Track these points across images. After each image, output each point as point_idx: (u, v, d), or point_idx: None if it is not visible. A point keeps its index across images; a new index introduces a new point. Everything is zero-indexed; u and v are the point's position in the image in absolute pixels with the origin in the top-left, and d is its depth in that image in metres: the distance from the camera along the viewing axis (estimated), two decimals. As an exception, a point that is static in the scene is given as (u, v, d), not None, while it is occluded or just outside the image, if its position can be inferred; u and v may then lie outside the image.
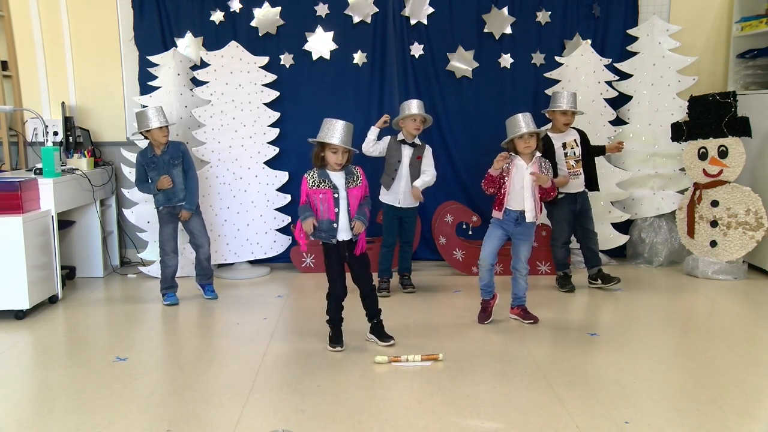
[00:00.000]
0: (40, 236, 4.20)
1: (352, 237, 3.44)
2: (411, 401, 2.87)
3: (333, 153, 3.36)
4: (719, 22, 5.55)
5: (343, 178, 3.41)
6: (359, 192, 3.44)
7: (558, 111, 4.47)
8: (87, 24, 5.40)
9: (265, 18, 5.21)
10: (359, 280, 3.52)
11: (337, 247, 3.44)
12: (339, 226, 3.39)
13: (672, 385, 3.03)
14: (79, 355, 3.50)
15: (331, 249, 3.46)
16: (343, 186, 3.40)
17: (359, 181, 3.45)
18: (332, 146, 3.33)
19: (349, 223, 3.40)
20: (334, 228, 3.39)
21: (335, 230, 3.40)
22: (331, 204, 3.37)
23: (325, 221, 3.38)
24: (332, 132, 3.33)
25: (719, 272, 4.86)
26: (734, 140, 4.80)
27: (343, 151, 3.36)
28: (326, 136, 3.34)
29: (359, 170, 3.49)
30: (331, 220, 3.38)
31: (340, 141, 3.32)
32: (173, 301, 4.38)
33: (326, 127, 3.37)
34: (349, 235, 3.43)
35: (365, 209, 3.46)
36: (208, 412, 2.78)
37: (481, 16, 5.28)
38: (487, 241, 3.87)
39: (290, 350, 3.52)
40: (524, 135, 3.69)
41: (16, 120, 5.39)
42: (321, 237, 3.43)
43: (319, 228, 3.40)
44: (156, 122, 4.26)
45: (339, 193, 3.39)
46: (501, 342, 3.62)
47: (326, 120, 3.41)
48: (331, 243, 3.43)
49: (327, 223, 3.38)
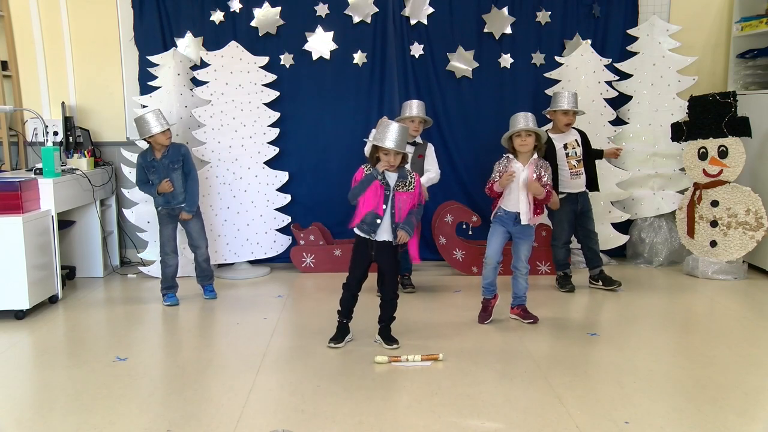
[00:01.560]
0: (40, 236, 4.20)
1: (393, 242, 3.42)
2: (411, 401, 2.87)
3: (385, 155, 3.34)
4: (719, 22, 5.55)
5: (394, 180, 3.40)
6: (409, 198, 3.41)
7: (559, 111, 4.46)
8: (87, 24, 5.40)
9: (265, 18, 5.21)
10: (384, 285, 3.54)
11: (367, 244, 3.44)
12: (381, 224, 3.39)
13: (672, 385, 3.03)
14: (79, 355, 3.50)
15: (360, 243, 3.47)
16: (392, 187, 3.39)
17: (411, 187, 3.42)
18: (384, 148, 3.32)
19: (391, 225, 3.39)
20: (376, 224, 3.38)
21: (377, 226, 3.39)
22: (381, 199, 3.37)
23: (371, 214, 3.37)
24: (386, 134, 3.30)
25: (719, 272, 4.86)
26: (734, 140, 4.80)
27: (395, 154, 3.33)
28: (380, 138, 3.32)
29: (415, 176, 3.47)
30: (377, 215, 3.37)
31: (393, 144, 3.30)
32: (173, 301, 4.38)
33: (381, 129, 3.35)
34: (387, 237, 3.41)
35: (413, 219, 3.44)
36: (208, 412, 2.78)
37: (481, 16, 5.28)
38: (492, 239, 3.87)
39: (290, 350, 3.52)
40: (521, 133, 3.69)
41: (16, 120, 5.39)
42: (363, 230, 3.42)
43: (364, 220, 3.39)
44: (158, 127, 4.24)
45: (389, 192, 3.38)
46: (501, 342, 3.62)
47: (381, 121, 3.41)
48: (369, 239, 3.41)
49: (372, 216, 3.37)
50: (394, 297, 3.55)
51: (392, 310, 3.56)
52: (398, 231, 3.39)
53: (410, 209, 3.43)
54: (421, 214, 3.54)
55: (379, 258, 3.48)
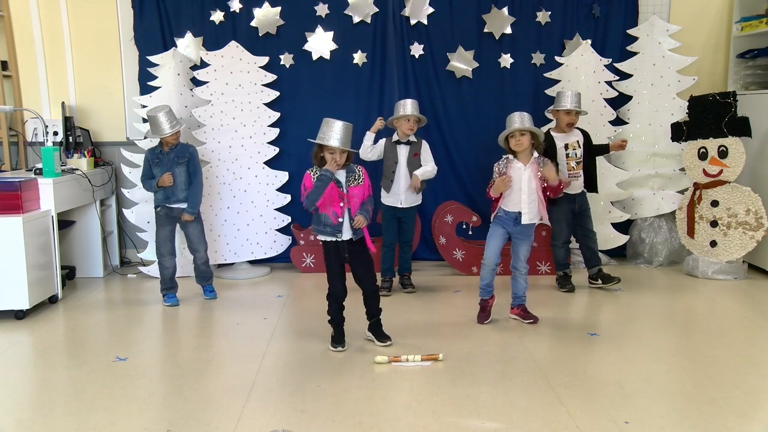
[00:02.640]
0: (40, 236, 4.20)
1: (353, 235, 3.42)
2: (411, 401, 2.87)
3: (330, 153, 3.35)
4: (719, 22, 5.55)
5: (343, 177, 3.41)
6: (360, 191, 3.43)
7: (562, 110, 4.46)
8: (87, 24, 5.40)
9: (265, 18, 5.21)
10: (362, 280, 3.51)
11: (336, 247, 3.44)
12: (344, 222, 3.38)
13: (672, 385, 3.04)
14: (79, 355, 3.50)
15: (330, 249, 3.46)
16: (343, 184, 3.40)
17: (361, 180, 3.44)
18: (330, 147, 3.33)
19: (350, 222, 3.39)
20: (339, 222, 3.38)
21: (341, 225, 3.39)
22: (335, 198, 3.37)
23: (331, 215, 3.38)
24: (330, 133, 3.32)
25: (719, 272, 4.86)
26: (734, 140, 4.80)
27: (341, 152, 3.34)
28: (324, 137, 3.33)
29: (361, 169, 3.48)
30: (337, 214, 3.37)
31: (338, 143, 3.31)
32: (173, 302, 4.38)
33: (325, 128, 3.36)
34: (350, 235, 3.41)
35: (368, 206, 3.45)
36: (208, 412, 2.78)
37: (481, 16, 5.28)
38: (491, 241, 3.86)
39: (290, 350, 3.52)
40: (515, 133, 3.69)
41: (16, 120, 5.39)
42: (326, 232, 3.42)
43: (323, 223, 3.40)
44: (168, 129, 4.25)
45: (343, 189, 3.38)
46: (501, 342, 3.62)
47: (325, 120, 3.40)
48: (333, 241, 3.42)
49: (333, 216, 3.38)
50: (376, 288, 3.54)
51: (377, 301, 3.54)
52: (356, 216, 3.36)
53: (363, 200, 3.44)
54: (373, 203, 3.53)
55: (351, 257, 3.46)
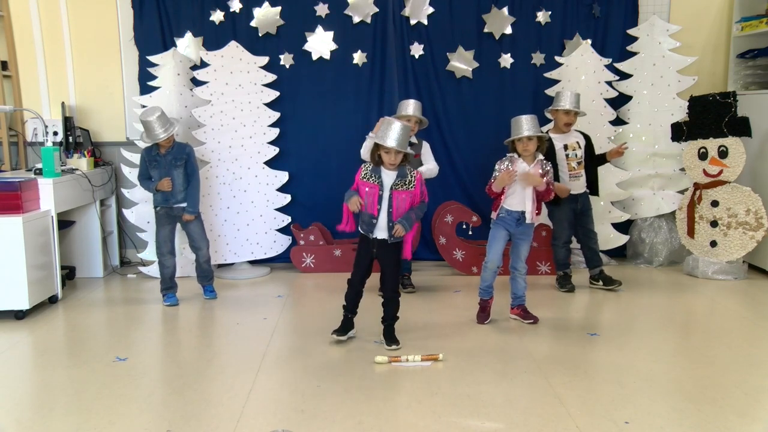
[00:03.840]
0: (40, 236, 4.20)
1: (389, 239, 3.45)
2: (411, 401, 2.87)
3: (386, 153, 3.37)
4: (719, 22, 5.55)
5: (392, 179, 3.42)
6: (408, 196, 3.44)
7: (561, 110, 4.46)
8: (87, 24, 5.40)
9: (265, 18, 5.21)
10: (384, 283, 3.56)
11: (369, 241, 3.49)
12: (378, 223, 3.44)
13: (672, 385, 3.04)
14: (79, 355, 3.50)
15: (363, 241, 3.54)
16: (389, 186, 3.41)
17: (411, 186, 3.45)
18: (386, 147, 3.35)
19: (388, 223, 3.42)
20: (372, 223, 3.44)
21: (373, 226, 3.45)
22: (375, 199, 3.41)
23: (367, 215, 3.44)
24: (388, 133, 3.34)
25: (719, 272, 4.86)
26: (734, 140, 4.80)
27: (396, 153, 3.36)
28: (382, 137, 3.35)
29: (416, 174, 3.49)
30: (372, 215, 3.43)
31: (395, 143, 3.33)
32: (173, 302, 4.38)
33: (384, 127, 3.38)
34: (386, 235, 3.45)
35: (412, 215, 3.47)
36: (208, 412, 2.78)
37: (481, 16, 5.28)
38: (493, 244, 3.86)
39: (290, 350, 3.52)
40: (523, 138, 3.69)
41: (16, 120, 5.39)
42: (362, 229, 3.49)
43: (361, 219, 3.47)
44: (162, 134, 4.23)
45: (384, 192, 3.41)
46: (501, 342, 3.62)
47: (384, 119, 3.45)
48: (368, 237, 3.48)
49: (368, 216, 3.44)
50: (395, 295, 3.56)
51: (395, 308, 3.57)
52: (396, 224, 3.41)
53: (410, 206, 3.46)
54: (423, 211, 3.57)
55: (380, 255, 3.51)
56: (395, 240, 3.46)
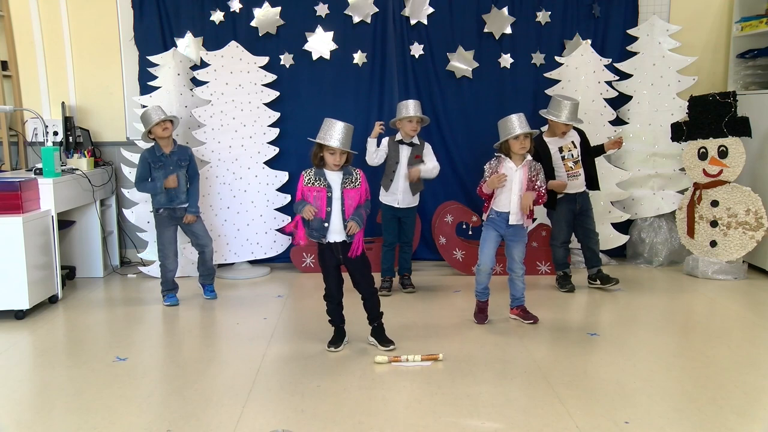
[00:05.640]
0: (40, 236, 4.20)
1: (346, 238, 3.40)
2: (411, 401, 2.87)
3: (331, 154, 3.34)
4: (719, 22, 5.55)
5: (339, 178, 3.39)
6: (356, 194, 3.40)
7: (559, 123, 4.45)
8: (87, 24, 5.40)
9: (265, 18, 5.21)
10: (359, 284, 3.50)
11: (330, 248, 3.42)
12: (330, 226, 3.37)
13: (672, 385, 3.03)
14: (79, 355, 3.50)
15: (324, 250, 3.45)
16: (338, 186, 3.38)
17: (357, 183, 3.41)
18: (330, 147, 3.32)
19: (342, 224, 3.37)
20: (324, 228, 3.37)
21: (326, 230, 3.37)
22: (323, 203, 3.35)
23: (317, 220, 3.36)
24: (331, 133, 3.31)
25: (719, 272, 4.86)
26: (734, 140, 4.80)
27: (341, 153, 3.33)
28: (325, 137, 3.32)
29: (359, 172, 3.45)
30: (322, 220, 3.36)
31: (339, 143, 3.30)
32: (173, 302, 4.37)
33: (325, 128, 3.35)
34: (342, 237, 3.39)
35: (362, 211, 3.42)
36: (208, 412, 2.78)
37: (481, 16, 5.27)
38: (484, 245, 3.84)
39: (290, 350, 3.52)
40: (519, 136, 3.69)
41: (16, 120, 5.39)
42: (313, 236, 3.41)
43: (311, 227, 3.39)
44: (155, 117, 4.24)
45: (333, 193, 3.36)
46: (501, 342, 3.62)
47: (326, 120, 3.39)
48: (323, 243, 3.41)
49: (318, 222, 3.36)
50: (374, 292, 3.52)
51: (377, 306, 3.53)
52: (348, 222, 3.35)
53: (358, 203, 3.41)
54: (369, 208, 3.50)
55: (346, 260, 3.44)
56: (350, 239, 3.39)
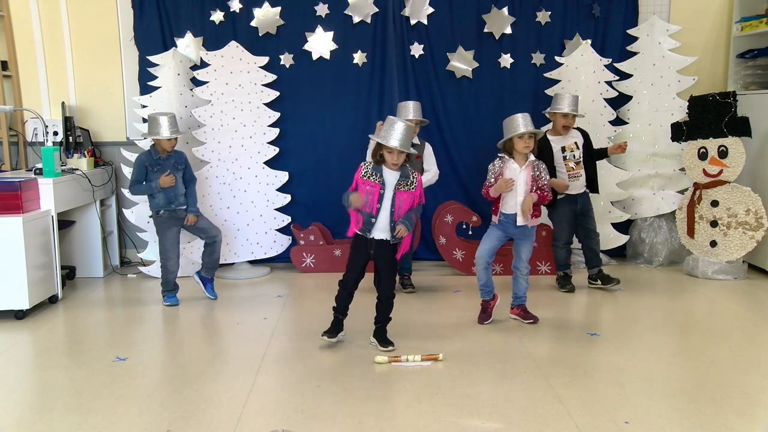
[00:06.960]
0: (40, 236, 4.20)
1: (390, 239, 3.41)
2: (411, 401, 2.87)
3: (389, 153, 3.34)
4: (719, 22, 5.55)
5: (395, 178, 3.39)
6: (409, 197, 3.40)
7: (559, 113, 4.46)
8: (87, 24, 5.40)
9: (265, 18, 5.21)
10: (380, 283, 3.52)
11: (365, 242, 3.44)
12: (377, 222, 3.39)
13: (672, 385, 3.03)
14: (79, 355, 3.50)
15: (359, 241, 3.47)
16: (392, 186, 3.38)
17: (413, 187, 3.41)
18: (388, 147, 3.32)
19: (389, 224, 3.38)
20: (371, 222, 3.39)
21: (372, 225, 3.39)
22: (375, 198, 3.36)
23: (366, 214, 3.39)
24: (391, 133, 3.30)
25: (719, 272, 4.86)
26: (734, 140, 4.80)
27: (399, 153, 3.33)
28: (385, 137, 3.32)
29: (417, 176, 3.46)
30: (371, 215, 3.38)
31: (398, 143, 3.29)
32: (173, 302, 4.37)
33: (387, 127, 3.34)
34: (385, 236, 3.40)
35: (412, 215, 3.43)
36: (208, 412, 2.78)
37: (481, 16, 5.28)
38: (485, 240, 3.86)
39: (290, 350, 3.52)
40: (524, 135, 3.69)
41: (16, 120, 5.39)
42: (360, 228, 3.43)
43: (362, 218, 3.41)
44: (167, 133, 4.24)
45: (386, 191, 3.37)
46: (501, 342, 3.62)
47: (388, 118, 3.40)
48: (365, 237, 3.42)
49: (367, 216, 3.39)
50: (391, 296, 3.53)
51: (388, 310, 3.54)
52: (397, 225, 3.37)
53: (410, 207, 3.43)
54: (420, 212, 3.54)
55: (377, 256, 3.47)
56: (396, 241, 3.44)
